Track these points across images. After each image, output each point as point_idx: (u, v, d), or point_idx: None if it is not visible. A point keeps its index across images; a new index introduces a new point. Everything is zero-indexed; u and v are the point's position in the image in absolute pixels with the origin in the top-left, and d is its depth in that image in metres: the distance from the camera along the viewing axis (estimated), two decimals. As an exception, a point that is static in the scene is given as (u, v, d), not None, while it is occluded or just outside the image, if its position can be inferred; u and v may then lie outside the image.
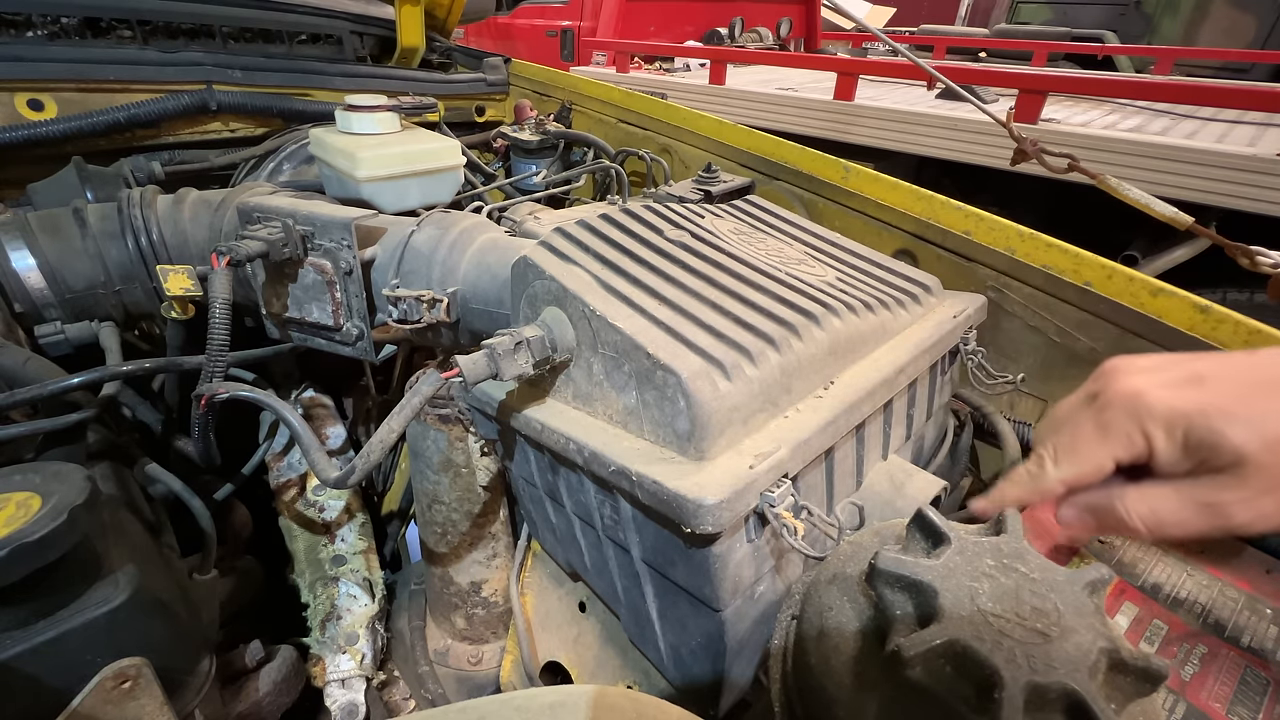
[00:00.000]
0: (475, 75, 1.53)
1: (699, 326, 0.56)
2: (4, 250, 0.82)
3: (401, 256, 0.81)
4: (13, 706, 0.48)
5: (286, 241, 0.78)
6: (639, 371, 0.54)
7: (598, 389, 0.59)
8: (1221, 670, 0.54)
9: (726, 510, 0.46)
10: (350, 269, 0.80)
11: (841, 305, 0.62)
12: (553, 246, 0.65)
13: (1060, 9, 5.76)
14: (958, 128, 2.38)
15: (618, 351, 0.55)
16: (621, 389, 0.56)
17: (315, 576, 1.03)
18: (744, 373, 0.53)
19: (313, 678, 0.93)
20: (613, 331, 0.55)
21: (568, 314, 0.60)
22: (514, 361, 0.57)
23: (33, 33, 1.09)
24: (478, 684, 0.99)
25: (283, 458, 1.07)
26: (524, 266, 0.64)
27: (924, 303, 0.72)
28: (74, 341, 0.86)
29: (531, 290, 0.64)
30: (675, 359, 0.52)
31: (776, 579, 0.59)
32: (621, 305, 0.58)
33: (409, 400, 0.60)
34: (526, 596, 0.88)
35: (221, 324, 0.72)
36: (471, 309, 0.78)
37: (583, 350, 0.59)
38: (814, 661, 0.41)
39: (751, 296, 0.61)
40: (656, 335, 0.54)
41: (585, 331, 0.58)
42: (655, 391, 0.53)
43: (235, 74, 1.19)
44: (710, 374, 0.52)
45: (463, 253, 0.80)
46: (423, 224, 0.83)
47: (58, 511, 0.48)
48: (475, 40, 4.56)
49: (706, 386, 0.51)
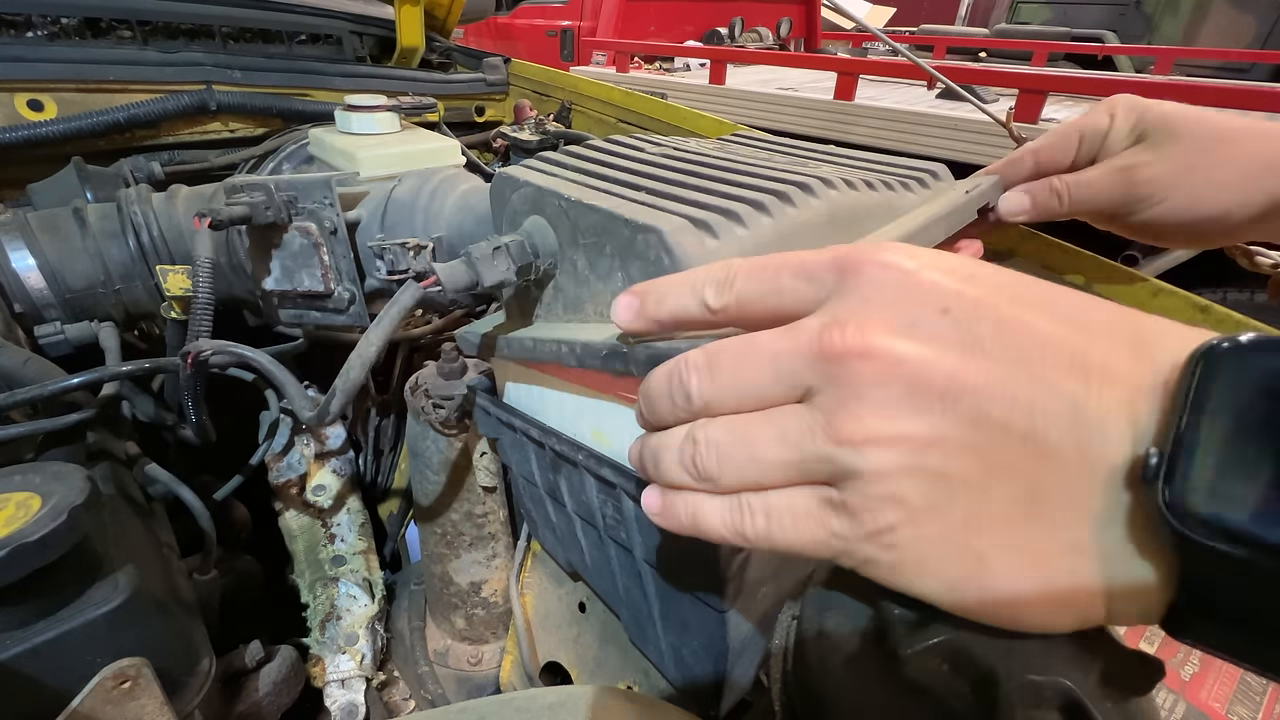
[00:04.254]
0: (475, 75, 1.53)
1: (682, 202, 0.52)
2: (4, 250, 0.82)
3: (385, 211, 0.82)
4: (12, 706, 0.48)
5: (270, 204, 0.78)
6: (620, 246, 0.50)
7: (585, 287, 0.56)
8: (1221, 670, 0.54)
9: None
10: (335, 228, 0.80)
11: (841, 181, 0.58)
12: (531, 165, 0.64)
13: (1060, 9, 5.76)
14: (958, 128, 2.38)
15: (597, 234, 0.52)
16: (607, 276, 0.53)
17: (315, 576, 1.03)
18: (733, 233, 0.49)
19: (313, 678, 0.93)
20: (589, 213, 0.52)
21: (546, 216, 0.57)
22: (493, 267, 0.54)
23: (33, 33, 1.09)
24: (478, 684, 0.99)
25: (282, 458, 1.07)
26: (501, 183, 0.62)
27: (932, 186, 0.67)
28: (74, 341, 0.86)
29: (510, 206, 0.61)
30: (656, 219, 0.48)
31: (779, 579, 0.59)
32: (599, 192, 0.54)
33: (388, 311, 0.57)
34: (526, 596, 0.88)
35: (205, 282, 0.73)
36: (458, 253, 0.79)
37: (565, 251, 0.56)
38: (813, 661, 0.41)
39: (739, 179, 0.56)
40: (636, 207, 0.51)
41: (565, 228, 0.55)
42: (639, 261, 0.49)
43: (235, 74, 1.19)
44: (694, 231, 0.48)
45: (445, 199, 0.80)
46: (404, 179, 0.83)
47: (58, 511, 0.48)
48: (475, 40, 4.56)
49: (691, 241, 0.47)
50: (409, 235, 0.80)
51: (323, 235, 0.81)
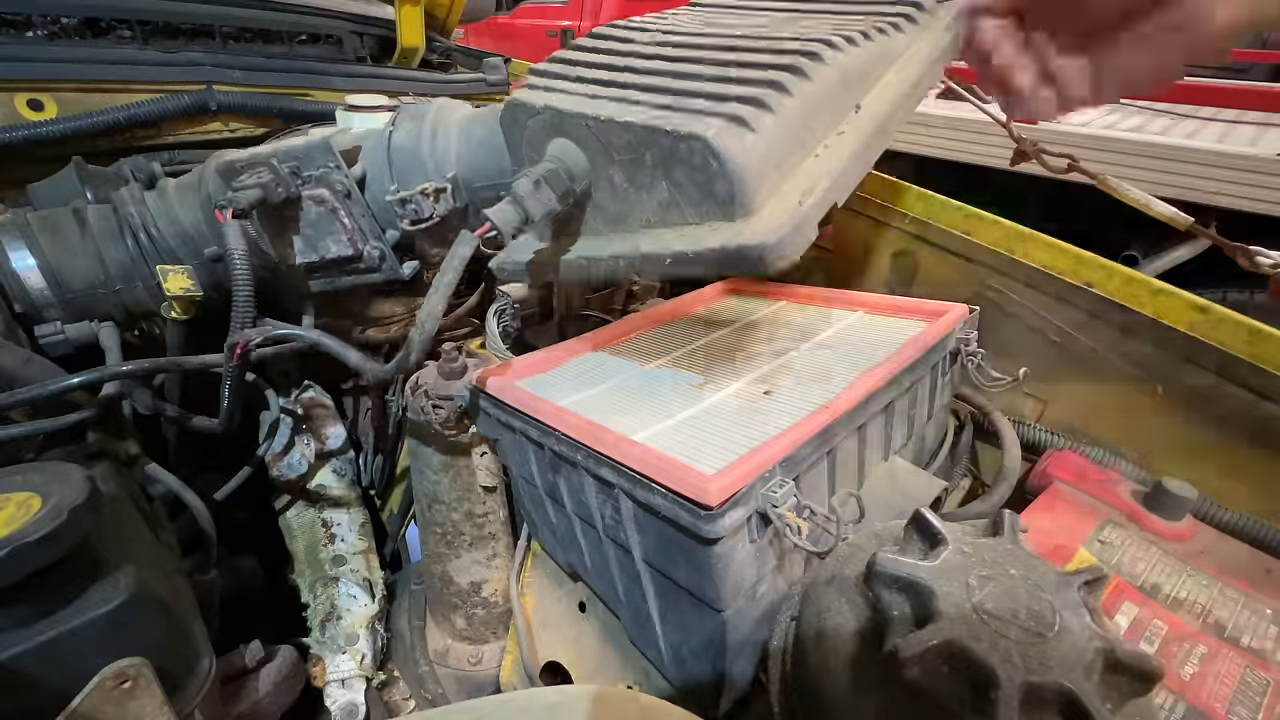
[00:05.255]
0: (475, 75, 1.53)
1: (705, 97, 0.54)
2: (4, 250, 0.82)
3: (390, 161, 0.81)
4: (13, 706, 0.48)
5: (279, 181, 0.77)
6: (662, 156, 0.52)
7: (625, 201, 0.57)
8: (1221, 670, 0.54)
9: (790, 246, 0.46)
10: (347, 189, 0.80)
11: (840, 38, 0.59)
12: (533, 85, 0.64)
13: (1061, 9, 5.74)
14: (958, 128, 2.38)
15: (634, 149, 0.53)
16: (649, 186, 0.55)
17: (315, 576, 1.03)
18: (764, 122, 0.51)
19: (313, 678, 0.93)
20: (622, 130, 0.53)
21: (572, 138, 0.58)
22: (538, 200, 0.55)
23: (33, 33, 1.09)
24: (478, 684, 0.99)
25: (283, 458, 1.07)
26: (512, 110, 0.62)
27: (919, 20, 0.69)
28: (74, 341, 0.86)
29: (529, 132, 0.62)
30: (695, 125, 0.50)
31: (778, 579, 0.59)
32: (621, 105, 0.56)
33: (449, 264, 0.58)
34: (526, 596, 0.88)
35: (243, 274, 0.71)
36: (476, 189, 0.78)
37: (599, 169, 0.57)
38: (812, 662, 0.41)
39: (745, 59, 0.58)
40: (667, 114, 0.53)
41: (595, 147, 0.56)
42: (684, 167, 0.51)
43: (235, 74, 1.19)
44: (733, 129, 0.50)
45: (447, 136, 0.80)
46: (397, 123, 0.83)
47: (58, 511, 0.48)
48: (475, 40, 4.56)
49: (734, 142, 0.49)
50: (422, 180, 0.78)
51: (337, 199, 0.79)
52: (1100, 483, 0.74)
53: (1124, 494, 0.72)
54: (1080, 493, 0.74)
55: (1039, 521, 0.69)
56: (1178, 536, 0.68)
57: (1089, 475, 0.75)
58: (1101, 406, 0.85)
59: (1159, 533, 0.68)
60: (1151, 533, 0.68)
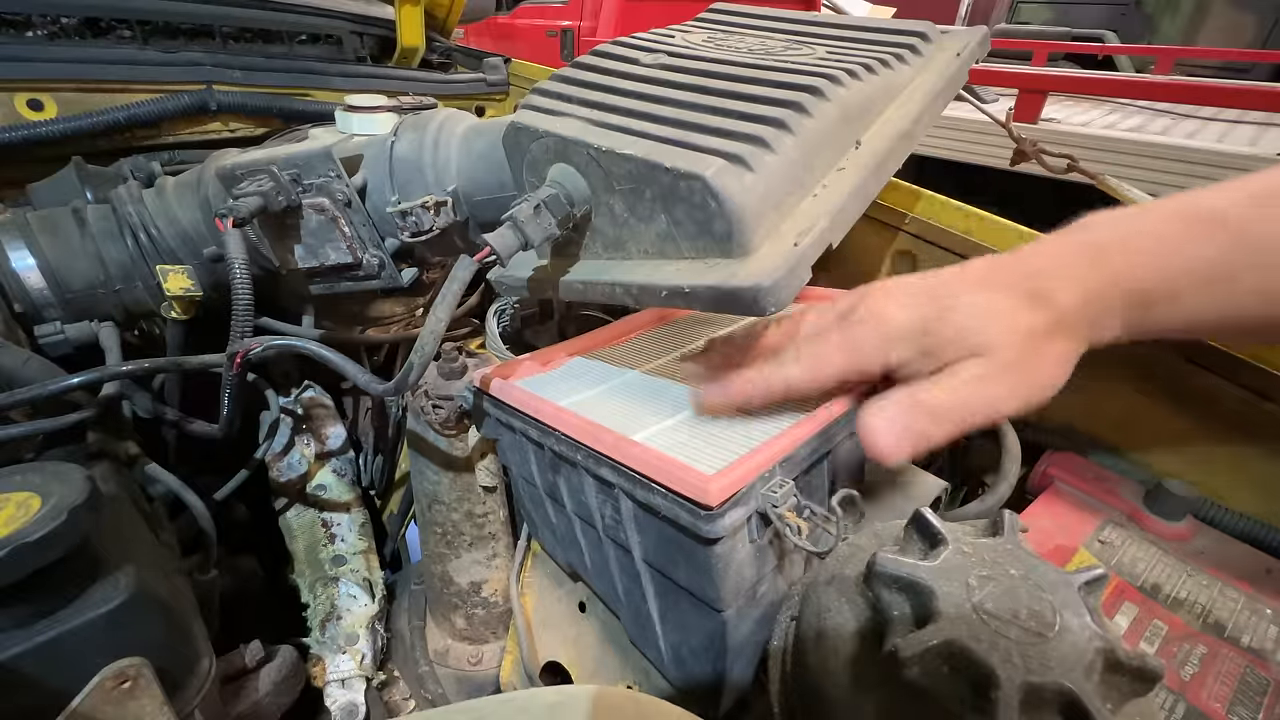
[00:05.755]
0: (475, 75, 1.53)
1: (706, 132, 0.54)
2: (4, 250, 0.82)
3: (391, 171, 0.82)
4: (12, 706, 0.48)
5: (280, 189, 0.77)
6: (661, 192, 0.53)
7: (625, 229, 0.57)
8: (1221, 670, 0.54)
9: (784, 290, 0.47)
10: (347, 199, 0.80)
11: (842, 73, 0.59)
12: (535, 106, 0.64)
13: (1060, 9, 5.76)
14: (958, 128, 2.38)
15: (634, 180, 0.54)
16: (648, 218, 0.55)
17: (315, 576, 1.03)
18: (764, 160, 0.52)
19: (313, 678, 0.93)
20: (623, 161, 0.54)
21: (574, 164, 0.58)
22: (538, 225, 0.56)
23: (33, 33, 1.09)
24: (478, 684, 0.99)
25: (283, 457, 1.07)
26: (515, 133, 0.62)
27: (924, 51, 0.69)
28: (74, 341, 0.86)
29: (530, 155, 0.62)
30: (695, 164, 0.50)
31: (778, 579, 0.59)
32: (623, 135, 0.56)
33: (449, 288, 0.58)
34: (526, 596, 0.88)
35: (243, 282, 0.72)
36: (476, 202, 0.79)
37: (599, 195, 0.58)
38: (812, 662, 0.41)
39: (749, 91, 0.58)
40: (668, 150, 0.53)
41: (596, 175, 0.57)
42: (683, 204, 0.52)
43: (235, 74, 1.19)
44: (732, 169, 0.50)
45: (449, 148, 0.80)
46: (399, 133, 0.83)
47: (58, 511, 0.48)
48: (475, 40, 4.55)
49: (733, 182, 0.50)
50: (423, 192, 0.79)
51: (338, 208, 0.80)
52: (1100, 483, 0.74)
53: (1124, 494, 0.72)
54: (1080, 493, 0.74)
55: (1039, 521, 0.69)
56: (1178, 537, 0.68)
57: (1089, 475, 0.75)
58: (1101, 406, 0.84)
59: (1159, 533, 0.68)
60: (1152, 533, 0.68)
